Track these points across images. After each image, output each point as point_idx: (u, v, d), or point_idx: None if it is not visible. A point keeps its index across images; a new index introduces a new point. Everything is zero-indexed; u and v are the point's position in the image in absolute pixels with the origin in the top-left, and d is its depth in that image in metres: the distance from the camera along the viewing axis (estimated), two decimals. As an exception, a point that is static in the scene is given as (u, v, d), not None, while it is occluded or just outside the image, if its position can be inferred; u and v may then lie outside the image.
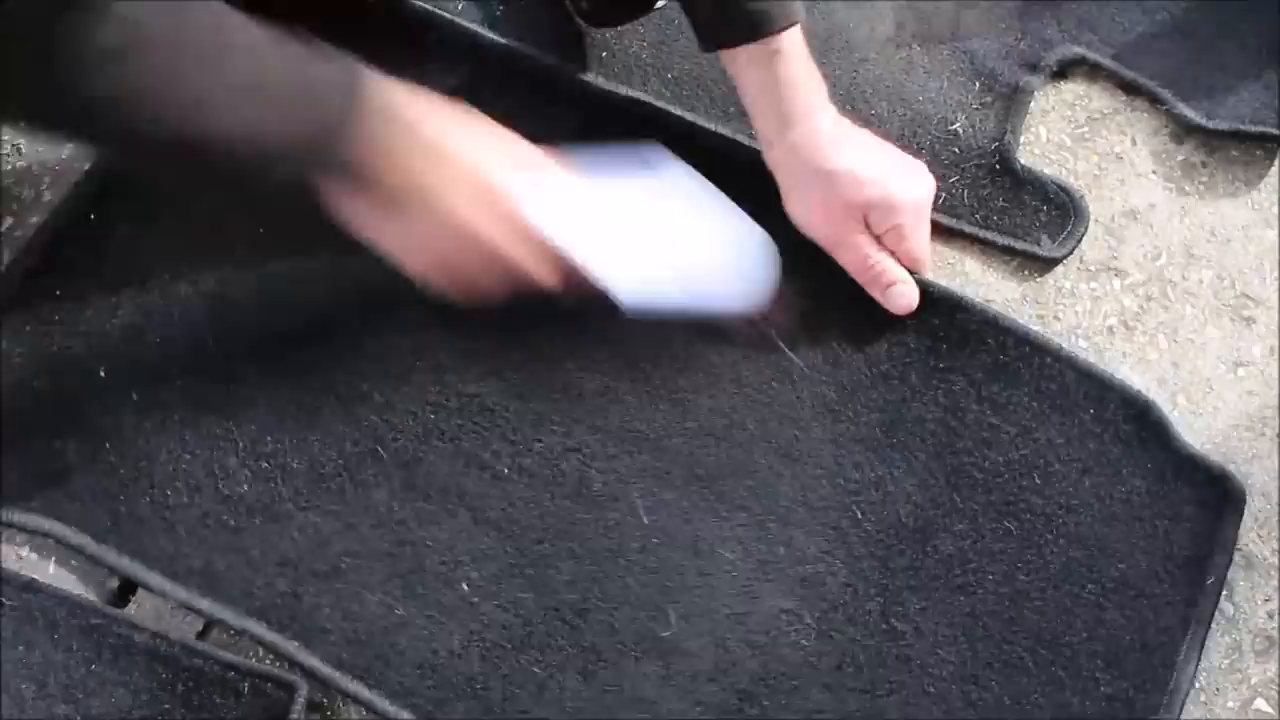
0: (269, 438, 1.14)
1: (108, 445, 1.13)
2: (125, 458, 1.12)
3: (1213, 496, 1.17)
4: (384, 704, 1.06)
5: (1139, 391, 1.20)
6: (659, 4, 1.27)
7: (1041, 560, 1.14)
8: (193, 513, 1.11)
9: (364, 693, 1.06)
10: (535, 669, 1.08)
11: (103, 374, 1.15)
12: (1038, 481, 1.17)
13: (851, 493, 1.16)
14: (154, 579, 1.08)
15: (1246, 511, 1.18)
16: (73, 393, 1.14)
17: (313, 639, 1.08)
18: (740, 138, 1.27)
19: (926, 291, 1.22)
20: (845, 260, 1.20)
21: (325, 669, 1.07)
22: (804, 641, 1.11)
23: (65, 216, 1.20)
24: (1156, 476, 1.17)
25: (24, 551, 1.10)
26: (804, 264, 1.21)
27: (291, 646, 1.07)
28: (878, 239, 1.19)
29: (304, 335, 1.17)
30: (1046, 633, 1.12)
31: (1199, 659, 1.12)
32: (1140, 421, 1.19)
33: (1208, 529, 1.16)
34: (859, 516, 1.15)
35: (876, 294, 1.20)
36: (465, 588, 1.10)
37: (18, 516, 1.09)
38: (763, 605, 1.12)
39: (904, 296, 1.20)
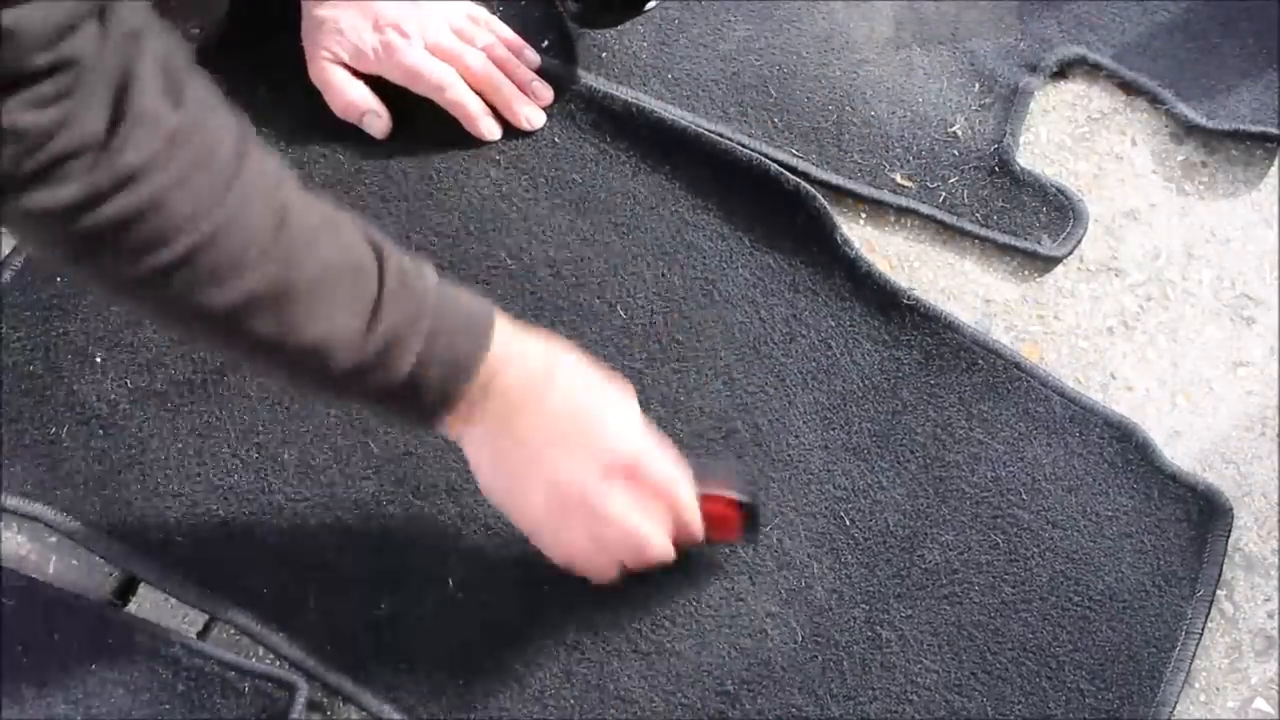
0: (260, 428, 1.10)
1: (101, 431, 1.09)
2: (118, 444, 1.09)
3: (1199, 513, 1.12)
4: (367, 698, 1.02)
5: (1123, 417, 1.16)
6: (649, 6, 1.23)
7: (1028, 572, 1.09)
8: (183, 501, 1.07)
9: (348, 686, 1.02)
10: (518, 666, 1.03)
11: (98, 360, 1.11)
12: (1025, 497, 1.12)
13: (840, 499, 1.11)
14: (141, 567, 1.05)
15: (1246, 511, 1.14)
16: (68, 378, 1.11)
17: (298, 631, 1.04)
18: (740, 138, 1.24)
19: (918, 309, 1.18)
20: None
21: (310, 661, 1.03)
22: (788, 645, 1.06)
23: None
24: (1142, 495, 1.13)
25: (24, 550, 1.06)
26: (796, 272, 1.19)
27: (277, 638, 1.03)
28: None
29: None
30: (1031, 644, 1.07)
31: (1189, 671, 1.07)
32: (1125, 443, 1.15)
33: (1196, 543, 1.11)
34: (847, 523, 1.10)
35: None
36: (450, 584, 1.06)
37: (9, 501, 1.06)
38: (748, 608, 1.06)
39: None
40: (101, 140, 0.74)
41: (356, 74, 1.19)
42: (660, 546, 0.97)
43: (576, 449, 0.95)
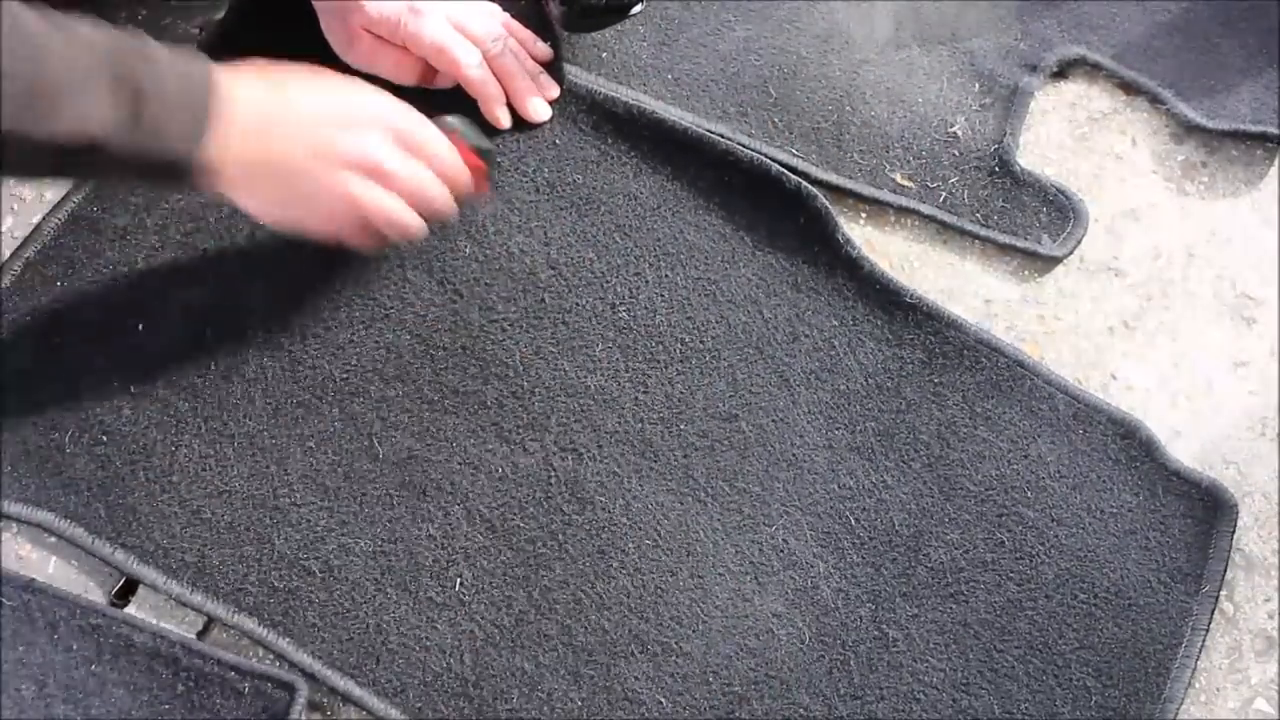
0: (265, 432, 1.11)
1: (104, 437, 1.10)
2: (121, 450, 1.10)
3: (1204, 508, 1.14)
4: (374, 701, 1.03)
5: (1126, 414, 1.17)
6: (634, 10, 1.27)
7: (1033, 570, 1.11)
8: (188, 506, 1.08)
9: (355, 690, 1.03)
10: (526, 667, 1.05)
11: (100, 364, 1.12)
12: (1029, 495, 1.13)
13: (845, 499, 1.12)
14: (147, 572, 1.06)
15: (1246, 511, 1.15)
16: (71, 384, 1.12)
17: (304, 635, 1.05)
18: (740, 138, 1.25)
19: (920, 308, 1.20)
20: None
21: (317, 665, 1.04)
22: (795, 645, 1.07)
23: (65, 213, 1.18)
24: (1147, 491, 1.14)
25: (24, 550, 1.07)
26: (798, 272, 1.21)
27: (284, 643, 1.04)
28: None
29: (302, 329, 1.15)
30: (1038, 641, 1.08)
31: (1195, 667, 1.09)
32: (1129, 440, 1.16)
33: (1201, 539, 1.13)
34: (852, 523, 1.12)
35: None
36: (457, 585, 1.07)
37: (12, 507, 1.07)
38: (755, 608, 1.08)
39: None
40: None
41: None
42: (441, 191, 1.09)
43: (336, 127, 1.03)
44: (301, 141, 1.01)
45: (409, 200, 1.06)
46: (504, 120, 1.23)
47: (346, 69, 1.20)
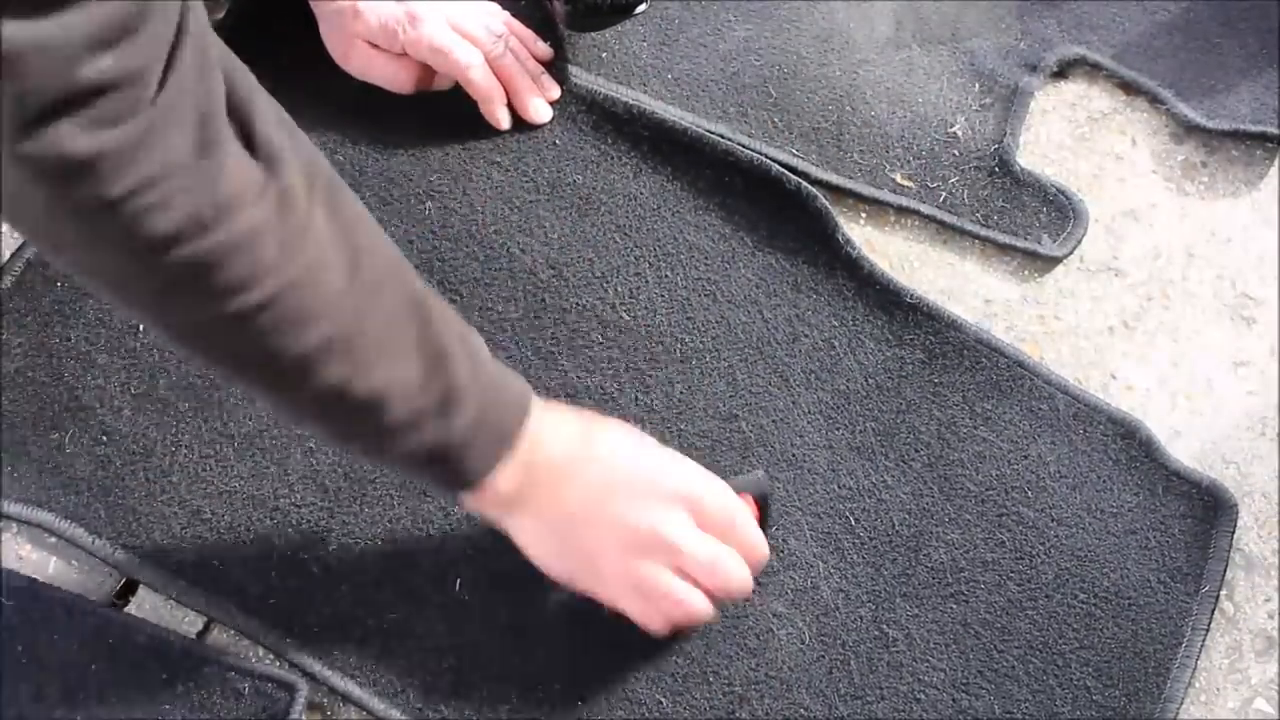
0: (265, 432, 1.11)
1: (104, 438, 1.10)
2: (122, 450, 1.09)
3: (1204, 508, 1.14)
4: (374, 702, 1.03)
5: (1126, 414, 1.18)
6: (638, 10, 1.27)
7: (1033, 570, 1.11)
8: (188, 506, 1.08)
9: (355, 690, 1.03)
10: (526, 668, 1.05)
11: (101, 365, 1.12)
12: (1029, 495, 1.13)
13: (845, 498, 1.12)
14: (147, 572, 1.06)
15: (1247, 511, 1.15)
16: (70, 383, 1.12)
17: (305, 636, 1.05)
18: (740, 138, 1.26)
19: (920, 308, 1.20)
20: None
21: (317, 666, 1.04)
22: (795, 645, 1.07)
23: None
24: (1147, 491, 1.14)
25: (24, 550, 1.07)
26: (798, 272, 1.21)
27: (284, 643, 1.04)
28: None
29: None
30: (1038, 641, 1.08)
31: (1195, 667, 1.08)
32: (1129, 440, 1.16)
33: (1201, 539, 1.13)
34: (853, 523, 1.12)
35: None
36: (457, 587, 1.07)
37: (12, 508, 1.07)
38: (755, 608, 1.08)
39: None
40: (190, 165, 0.71)
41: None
42: (740, 571, 0.98)
43: (635, 497, 0.96)
44: (595, 505, 0.96)
45: (704, 581, 0.98)
46: (504, 121, 1.23)
47: (345, 75, 1.20)
